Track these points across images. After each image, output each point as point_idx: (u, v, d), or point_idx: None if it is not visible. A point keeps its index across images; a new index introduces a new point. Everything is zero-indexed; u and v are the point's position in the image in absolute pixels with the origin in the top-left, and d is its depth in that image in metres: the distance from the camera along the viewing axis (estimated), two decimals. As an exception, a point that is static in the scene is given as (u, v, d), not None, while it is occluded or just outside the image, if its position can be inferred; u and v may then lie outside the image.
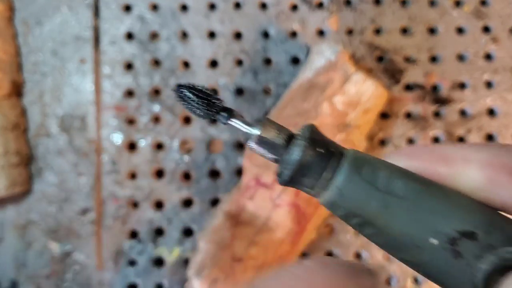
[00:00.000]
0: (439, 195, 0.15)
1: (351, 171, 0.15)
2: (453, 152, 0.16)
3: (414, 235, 0.15)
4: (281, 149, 0.16)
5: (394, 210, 0.15)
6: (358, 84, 0.44)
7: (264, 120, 0.17)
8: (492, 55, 0.53)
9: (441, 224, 0.15)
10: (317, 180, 0.16)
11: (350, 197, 0.15)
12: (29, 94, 0.51)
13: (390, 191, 0.15)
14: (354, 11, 0.52)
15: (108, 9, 0.52)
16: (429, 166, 0.16)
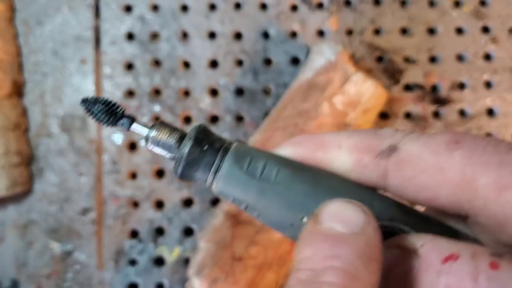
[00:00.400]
0: (310, 178, 0.17)
1: (232, 164, 0.18)
2: (329, 139, 0.18)
3: (288, 216, 0.17)
4: (174, 148, 0.18)
5: (269, 195, 0.17)
6: (358, 84, 0.44)
7: (158, 123, 0.19)
8: (492, 55, 0.53)
9: (311, 205, 0.16)
10: (206, 173, 0.18)
11: (234, 186, 0.18)
12: (30, 94, 0.51)
13: (266, 178, 0.17)
14: (354, 11, 0.53)
15: (108, 9, 0.52)
16: (309, 153, 0.18)
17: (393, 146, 0.17)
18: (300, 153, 0.18)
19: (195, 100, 0.51)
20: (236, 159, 0.18)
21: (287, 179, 0.17)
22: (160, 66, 0.51)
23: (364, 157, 0.17)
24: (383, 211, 0.17)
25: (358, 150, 0.17)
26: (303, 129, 0.44)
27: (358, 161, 0.17)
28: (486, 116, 0.52)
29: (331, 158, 0.18)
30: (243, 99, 0.51)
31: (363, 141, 0.17)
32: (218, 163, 0.18)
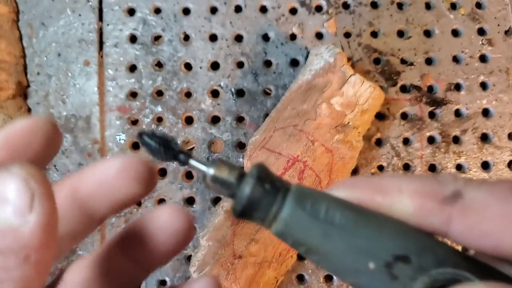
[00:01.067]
0: (375, 222, 0.17)
1: (295, 205, 0.17)
2: (388, 183, 0.18)
3: (354, 261, 0.17)
4: (233, 187, 0.18)
5: (333, 239, 0.17)
6: (356, 85, 0.45)
7: (218, 161, 0.18)
8: (488, 57, 0.54)
9: (377, 250, 0.16)
10: (266, 213, 0.17)
11: (295, 228, 0.17)
12: (34, 96, 0.52)
13: (329, 221, 0.17)
14: (352, 14, 0.53)
15: (111, 12, 0.53)
16: (367, 197, 0.17)
17: (458, 192, 0.17)
18: (356, 196, 0.18)
19: (197, 101, 0.52)
20: (298, 200, 0.17)
21: (351, 222, 0.17)
22: (162, 68, 0.52)
23: (428, 203, 0.17)
24: (447, 257, 0.16)
25: (420, 195, 0.17)
26: (302, 130, 0.45)
27: (421, 206, 0.17)
28: (482, 116, 0.53)
29: (392, 202, 0.17)
30: (243, 100, 0.52)
31: (424, 186, 0.17)
32: (280, 203, 0.17)
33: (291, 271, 0.49)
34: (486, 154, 0.52)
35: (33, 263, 0.15)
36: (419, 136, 0.52)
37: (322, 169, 0.44)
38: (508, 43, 0.54)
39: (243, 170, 0.18)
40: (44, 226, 0.15)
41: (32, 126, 0.17)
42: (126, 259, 0.20)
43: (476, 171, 0.52)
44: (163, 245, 0.20)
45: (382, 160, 0.51)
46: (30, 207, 0.15)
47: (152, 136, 0.19)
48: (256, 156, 0.45)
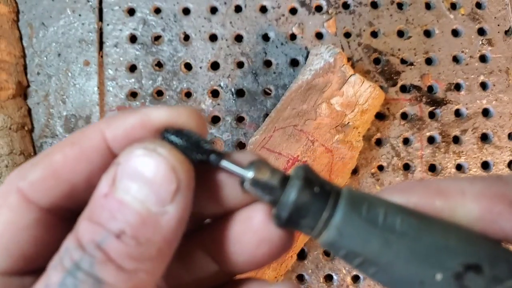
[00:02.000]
0: (439, 229, 0.15)
1: (349, 210, 0.15)
2: (448, 185, 0.16)
3: (418, 272, 0.15)
4: (276, 191, 0.16)
5: (395, 248, 0.15)
6: (356, 85, 0.45)
7: (257, 161, 0.16)
8: (488, 57, 0.54)
9: (445, 259, 0.15)
10: (315, 220, 0.15)
11: (350, 237, 0.15)
12: (34, 95, 0.52)
13: (390, 228, 0.15)
14: (352, 14, 0.53)
15: (111, 12, 0.53)
16: (426, 201, 0.16)
17: None
18: (413, 201, 0.16)
19: (197, 101, 0.52)
20: (353, 205, 0.15)
21: (414, 229, 0.15)
22: (162, 68, 0.52)
23: (496, 206, 0.15)
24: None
25: (487, 198, 0.15)
26: (302, 130, 0.45)
27: (488, 209, 0.15)
28: (482, 116, 0.53)
29: (454, 207, 0.15)
30: (243, 100, 0.52)
31: (490, 187, 0.15)
32: (331, 209, 0.15)
33: (291, 271, 0.49)
34: (486, 154, 0.52)
35: (163, 257, 0.14)
36: (419, 136, 0.52)
37: (322, 169, 0.44)
38: (508, 43, 0.54)
39: (285, 173, 0.16)
40: (179, 220, 0.14)
41: (180, 114, 0.16)
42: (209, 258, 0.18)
43: (476, 171, 0.52)
44: (250, 253, 0.17)
45: (382, 160, 0.51)
46: (173, 197, 0.14)
47: (178, 134, 0.16)
48: (256, 156, 0.45)
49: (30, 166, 0.16)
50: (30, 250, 0.16)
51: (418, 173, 0.51)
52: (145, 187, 0.14)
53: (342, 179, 0.47)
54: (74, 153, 0.16)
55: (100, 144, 0.16)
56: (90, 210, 0.15)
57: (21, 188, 0.15)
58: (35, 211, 0.16)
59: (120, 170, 0.14)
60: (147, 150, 0.14)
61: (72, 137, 0.16)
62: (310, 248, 0.50)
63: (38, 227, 0.16)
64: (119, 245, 0.14)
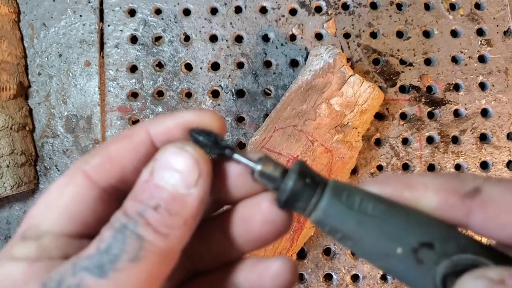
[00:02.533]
0: (402, 213, 0.19)
1: (332, 197, 0.20)
2: (415, 180, 0.20)
3: (384, 246, 0.19)
4: (278, 180, 0.20)
5: (366, 227, 0.19)
6: (355, 86, 0.45)
7: (264, 157, 0.21)
8: (486, 57, 0.54)
9: (405, 237, 0.18)
10: (306, 204, 0.20)
11: (332, 217, 0.19)
12: (35, 96, 0.52)
13: (363, 211, 0.19)
14: (352, 15, 0.54)
15: (112, 13, 0.53)
16: (397, 192, 0.20)
17: (477, 188, 0.19)
18: (387, 191, 0.20)
19: (197, 102, 0.52)
20: (335, 192, 0.20)
21: (382, 213, 0.19)
22: (163, 68, 0.53)
23: (451, 198, 0.19)
24: (467, 245, 0.18)
25: (444, 191, 0.19)
26: (302, 130, 0.45)
27: (444, 200, 0.19)
28: (481, 117, 0.53)
29: (418, 197, 0.19)
30: (243, 100, 0.52)
31: (448, 183, 0.19)
32: (319, 195, 0.20)
33: (291, 270, 0.50)
34: (485, 154, 0.52)
35: (188, 227, 0.19)
36: (418, 136, 0.52)
37: (321, 169, 0.45)
38: (507, 43, 0.54)
39: (285, 166, 0.21)
40: (201, 199, 0.19)
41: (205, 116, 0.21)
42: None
43: (475, 171, 0.52)
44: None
45: (381, 160, 0.52)
46: (196, 182, 0.19)
47: (201, 133, 0.20)
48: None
49: (92, 154, 0.21)
50: (89, 218, 0.20)
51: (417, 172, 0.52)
52: (176, 175, 0.19)
53: (342, 178, 0.47)
54: (126, 145, 0.20)
55: (146, 139, 0.21)
56: (134, 192, 0.19)
57: (85, 170, 0.20)
58: (95, 188, 0.20)
59: (157, 163, 0.19)
60: (177, 148, 0.19)
61: (125, 133, 0.21)
62: (310, 248, 0.50)
63: (96, 201, 0.20)
64: (156, 215, 0.18)
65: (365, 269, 0.50)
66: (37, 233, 0.19)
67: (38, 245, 0.19)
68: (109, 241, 0.18)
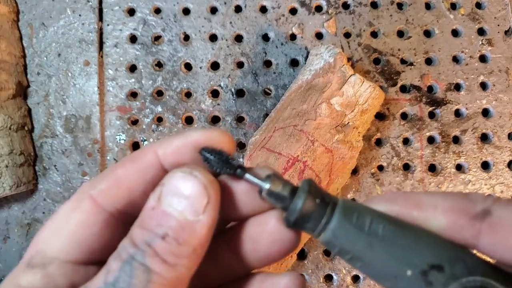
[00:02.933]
0: (412, 235, 0.19)
1: (342, 218, 0.19)
2: (424, 199, 0.20)
3: (393, 268, 0.19)
4: (287, 200, 0.20)
5: (376, 249, 0.19)
6: (356, 85, 0.44)
7: (272, 175, 0.21)
8: (487, 57, 0.54)
9: (414, 259, 0.18)
10: (315, 225, 0.20)
11: (342, 239, 0.19)
12: (34, 95, 0.52)
13: (373, 233, 0.19)
14: (352, 14, 0.53)
15: (111, 12, 0.53)
16: (405, 211, 0.20)
17: (487, 210, 0.19)
18: (395, 210, 0.20)
19: (197, 101, 0.52)
20: (345, 213, 0.19)
21: (392, 234, 0.19)
22: (162, 68, 0.52)
23: (460, 219, 0.19)
24: (476, 267, 0.18)
25: (453, 212, 0.19)
26: (302, 130, 0.45)
27: (453, 221, 0.19)
28: (482, 116, 0.53)
29: (427, 217, 0.19)
30: (243, 100, 0.52)
31: (457, 203, 0.19)
32: (328, 216, 0.19)
33: (291, 270, 0.49)
34: (486, 154, 0.52)
35: (197, 255, 0.19)
36: (419, 136, 0.52)
37: (322, 169, 0.44)
38: (508, 43, 0.54)
39: (294, 185, 0.20)
40: (210, 226, 0.19)
41: (214, 135, 0.20)
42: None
43: (476, 171, 0.52)
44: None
45: (382, 160, 0.52)
46: (204, 208, 0.18)
47: (211, 152, 0.20)
48: (256, 156, 0.45)
49: (99, 178, 0.20)
50: (96, 245, 0.20)
51: (418, 173, 0.51)
52: (184, 201, 0.18)
53: (342, 179, 0.47)
54: (133, 168, 0.20)
55: (154, 161, 0.20)
56: (141, 220, 0.19)
57: (92, 195, 0.20)
58: (102, 214, 0.20)
59: (165, 189, 0.19)
60: (185, 173, 0.19)
61: (132, 155, 0.21)
62: (310, 248, 0.50)
63: (103, 227, 0.20)
64: (164, 244, 0.18)
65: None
66: (43, 260, 0.19)
67: (44, 273, 0.19)
68: (117, 274, 0.17)
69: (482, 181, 0.52)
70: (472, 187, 0.52)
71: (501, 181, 0.52)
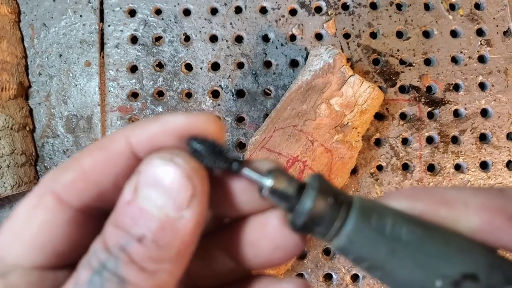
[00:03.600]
0: (441, 239, 0.16)
1: (360, 220, 0.16)
2: (452, 195, 0.17)
3: (420, 278, 0.16)
4: (292, 199, 0.17)
5: (400, 255, 0.16)
6: (355, 86, 0.45)
7: (275, 169, 0.17)
8: (486, 57, 0.54)
9: (445, 268, 0.16)
10: (328, 228, 0.17)
11: (359, 244, 0.16)
12: (35, 96, 0.52)
13: (396, 237, 0.16)
14: (351, 15, 0.54)
15: (112, 13, 0.53)
16: (431, 209, 0.17)
17: None
18: (419, 208, 0.17)
19: (197, 102, 0.52)
20: (363, 215, 0.16)
21: (418, 238, 0.16)
22: (163, 68, 0.53)
23: (496, 219, 0.16)
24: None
25: (488, 211, 0.16)
26: (302, 130, 0.45)
27: (489, 222, 0.16)
28: (480, 117, 0.53)
29: (457, 217, 0.16)
30: (243, 100, 0.52)
31: (491, 200, 0.16)
32: (343, 218, 0.17)
33: (291, 270, 0.50)
34: (484, 154, 0.53)
35: (181, 257, 0.16)
36: (418, 136, 0.52)
37: (321, 169, 0.45)
38: (506, 43, 0.54)
39: (302, 181, 0.17)
40: (196, 224, 0.16)
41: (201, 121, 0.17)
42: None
43: (475, 171, 0.52)
44: None
45: (381, 160, 0.52)
46: (189, 202, 0.15)
47: (202, 142, 0.17)
48: (256, 156, 0.46)
49: (62, 169, 0.17)
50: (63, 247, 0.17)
51: (417, 173, 0.52)
52: (164, 195, 0.15)
53: (342, 178, 0.47)
54: (102, 157, 0.17)
55: (125, 149, 0.17)
56: (115, 216, 0.16)
57: (54, 190, 0.17)
58: (68, 211, 0.17)
59: (141, 179, 0.16)
60: (164, 160, 0.16)
61: (100, 142, 0.17)
62: (310, 247, 0.50)
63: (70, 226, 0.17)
64: (141, 249, 0.15)
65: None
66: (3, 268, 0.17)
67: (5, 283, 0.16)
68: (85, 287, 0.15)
69: (481, 181, 0.52)
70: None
71: (499, 181, 0.52)
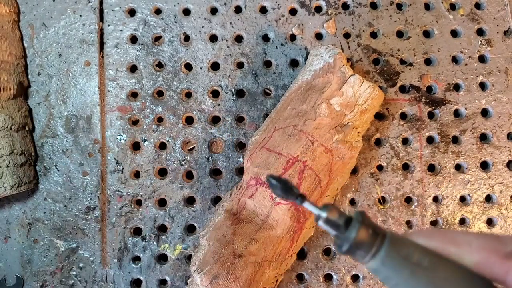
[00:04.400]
0: (450, 267, 0.22)
1: (391, 248, 0.22)
2: (460, 237, 0.22)
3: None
4: (342, 228, 0.23)
5: (420, 277, 0.21)
6: (356, 86, 0.45)
7: (329, 205, 0.23)
8: (486, 57, 0.54)
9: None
10: (367, 252, 0.22)
11: (390, 266, 0.22)
12: (35, 96, 0.52)
13: (418, 263, 0.21)
14: (352, 15, 0.54)
15: (112, 12, 0.53)
16: (443, 246, 0.22)
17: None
18: (433, 245, 0.22)
19: (197, 102, 0.52)
20: (393, 244, 0.22)
21: (433, 265, 0.21)
22: (162, 68, 0.52)
23: (491, 257, 0.21)
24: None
25: (486, 250, 0.21)
26: (302, 130, 0.45)
27: (485, 259, 0.21)
28: (481, 117, 0.53)
29: (462, 253, 0.22)
30: (243, 100, 0.52)
31: (489, 243, 0.22)
32: (378, 245, 0.22)
33: (291, 270, 0.50)
34: (485, 154, 0.52)
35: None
36: (418, 136, 0.52)
37: (321, 169, 0.44)
38: (507, 43, 0.54)
39: (348, 215, 0.23)
40: None
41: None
42: None
43: (475, 171, 0.52)
44: None
45: (381, 160, 0.52)
46: None
47: (277, 179, 0.23)
48: (256, 156, 0.45)
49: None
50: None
51: (418, 173, 0.52)
52: None
53: (342, 178, 0.47)
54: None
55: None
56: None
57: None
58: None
59: None
60: None
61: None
62: (310, 248, 0.50)
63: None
64: None
65: (365, 270, 0.50)
66: None
67: None
68: None
69: (481, 181, 0.52)
70: (471, 187, 0.52)
71: (500, 181, 0.52)
